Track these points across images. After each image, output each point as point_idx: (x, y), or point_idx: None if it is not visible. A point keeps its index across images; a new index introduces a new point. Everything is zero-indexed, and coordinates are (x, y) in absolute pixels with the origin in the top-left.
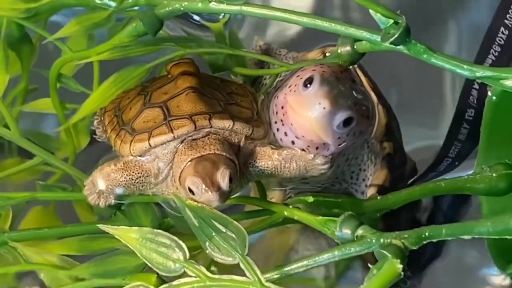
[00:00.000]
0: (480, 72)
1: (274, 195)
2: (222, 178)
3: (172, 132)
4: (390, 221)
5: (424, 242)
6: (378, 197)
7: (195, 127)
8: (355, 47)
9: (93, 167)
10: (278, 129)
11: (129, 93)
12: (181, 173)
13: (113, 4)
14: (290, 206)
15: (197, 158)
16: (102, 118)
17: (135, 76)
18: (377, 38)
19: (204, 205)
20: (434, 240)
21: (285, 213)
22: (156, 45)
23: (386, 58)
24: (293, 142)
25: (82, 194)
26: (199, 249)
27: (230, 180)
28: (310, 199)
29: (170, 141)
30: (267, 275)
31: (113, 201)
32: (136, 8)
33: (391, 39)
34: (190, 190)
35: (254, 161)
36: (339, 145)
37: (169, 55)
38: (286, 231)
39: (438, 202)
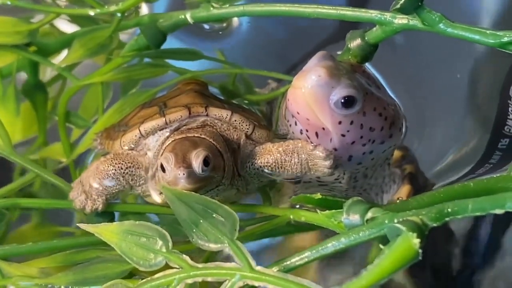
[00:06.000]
0: (506, 37)
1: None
2: (196, 157)
3: (164, 117)
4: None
5: (447, 219)
6: (398, 200)
7: (190, 113)
8: (365, 38)
9: None
10: (288, 121)
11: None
12: (162, 154)
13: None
14: (297, 206)
15: (179, 139)
16: (102, 135)
17: (140, 101)
18: (387, 17)
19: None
20: None
21: (291, 216)
22: (162, 67)
23: None
24: (301, 132)
25: (68, 201)
26: (195, 254)
27: (206, 164)
28: (318, 196)
29: (162, 128)
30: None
31: (100, 205)
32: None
33: (401, 2)
34: (163, 169)
35: (253, 158)
36: (343, 135)
37: (176, 79)
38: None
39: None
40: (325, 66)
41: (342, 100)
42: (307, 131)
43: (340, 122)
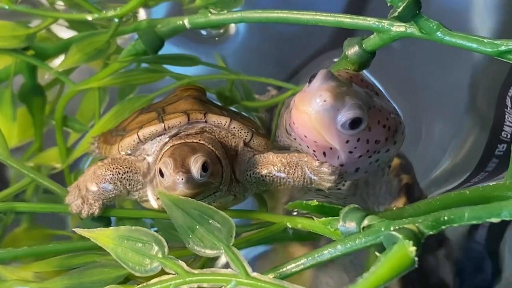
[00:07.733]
0: (504, 46)
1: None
2: (195, 163)
3: (163, 122)
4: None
5: (443, 227)
6: (394, 208)
7: (189, 119)
8: (363, 45)
9: None
10: (291, 135)
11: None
12: (160, 159)
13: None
14: (294, 213)
15: (178, 144)
16: (99, 140)
17: (137, 106)
18: (385, 25)
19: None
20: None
21: (287, 223)
22: (159, 73)
23: None
24: (308, 147)
25: (64, 206)
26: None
27: (205, 169)
28: (315, 202)
29: (161, 134)
30: (262, 277)
31: (97, 210)
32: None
33: (399, 10)
34: (161, 174)
35: (255, 167)
36: (350, 152)
37: (174, 84)
38: None
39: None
40: (329, 89)
41: (349, 122)
42: (314, 151)
43: (347, 141)
